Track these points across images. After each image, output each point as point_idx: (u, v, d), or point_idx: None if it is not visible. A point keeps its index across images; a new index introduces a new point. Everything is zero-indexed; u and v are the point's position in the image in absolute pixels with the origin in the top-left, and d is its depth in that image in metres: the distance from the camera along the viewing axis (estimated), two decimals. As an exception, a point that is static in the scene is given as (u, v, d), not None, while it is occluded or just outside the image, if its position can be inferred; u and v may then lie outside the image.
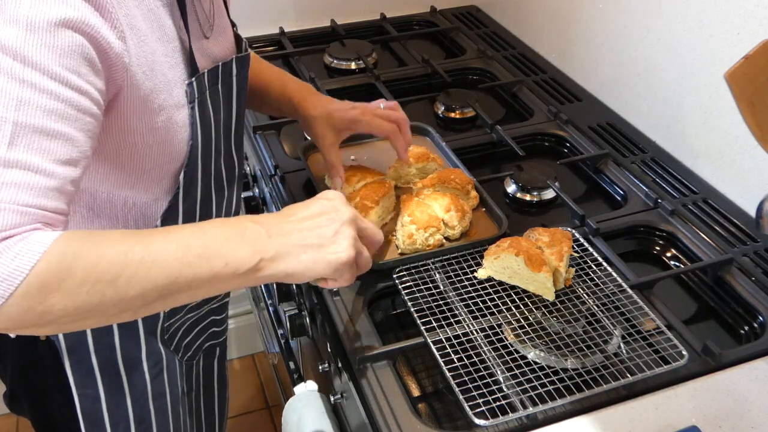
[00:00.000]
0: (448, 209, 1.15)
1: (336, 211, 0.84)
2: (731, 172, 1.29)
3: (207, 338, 1.19)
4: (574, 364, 0.96)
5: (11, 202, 0.67)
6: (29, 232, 0.67)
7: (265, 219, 0.81)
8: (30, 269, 0.65)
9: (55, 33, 0.71)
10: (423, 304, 1.03)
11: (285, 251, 0.79)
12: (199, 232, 0.76)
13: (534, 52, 1.83)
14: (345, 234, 0.82)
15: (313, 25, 1.95)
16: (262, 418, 2.22)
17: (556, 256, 1.06)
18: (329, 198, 0.86)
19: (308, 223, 0.82)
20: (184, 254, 0.73)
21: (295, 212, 0.83)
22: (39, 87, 0.70)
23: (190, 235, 0.74)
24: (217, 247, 0.75)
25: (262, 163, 1.44)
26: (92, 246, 0.69)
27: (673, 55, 1.38)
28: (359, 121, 1.17)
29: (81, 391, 1.03)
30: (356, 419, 1.03)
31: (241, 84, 1.03)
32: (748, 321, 1.09)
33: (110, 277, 0.69)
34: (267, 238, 0.78)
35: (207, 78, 0.93)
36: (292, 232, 0.80)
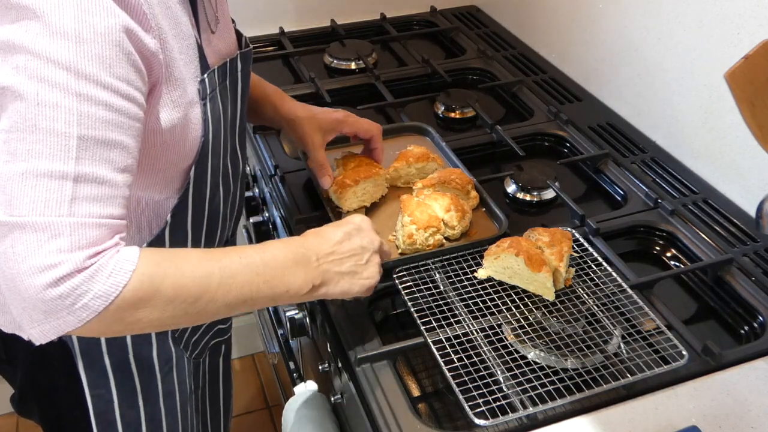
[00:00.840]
0: (448, 209, 1.15)
1: (364, 239, 0.95)
2: (731, 172, 1.29)
3: (213, 336, 1.19)
4: (574, 364, 0.96)
5: (89, 216, 0.72)
6: (115, 248, 0.74)
7: (311, 243, 0.92)
8: (124, 286, 0.73)
9: (102, 42, 0.72)
10: (423, 304, 1.03)
11: (329, 278, 0.91)
12: (266, 258, 0.86)
13: (534, 52, 1.83)
14: (374, 261, 0.96)
15: (313, 25, 1.95)
16: (262, 418, 2.22)
17: (556, 256, 1.06)
18: (361, 224, 0.97)
19: (346, 249, 0.93)
20: (255, 280, 0.84)
21: (334, 236, 0.93)
22: (95, 99, 0.72)
23: (260, 262, 0.85)
24: (281, 275, 0.86)
25: (262, 163, 1.44)
26: (177, 267, 0.78)
27: (673, 55, 1.38)
28: (344, 122, 1.21)
29: (94, 391, 1.03)
30: (356, 419, 1.03)
31: (245, 80, 1.03)
32: (748, 321, 1.09)
33: (194, 297, 0.78)
34: (316, 265, 0.90)
35: (218, 74, 0.93)
36: (333, 261, 0.92)
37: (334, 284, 0.92)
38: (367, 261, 0.95)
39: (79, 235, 0.71)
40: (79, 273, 0.71)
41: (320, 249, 0.91)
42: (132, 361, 1.04)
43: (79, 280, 0.71)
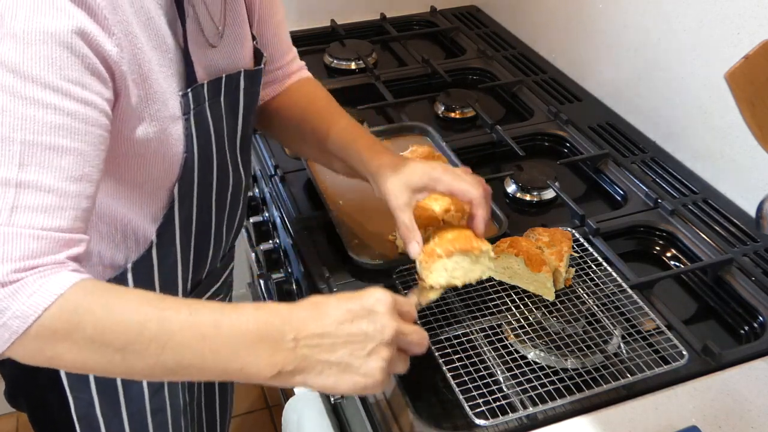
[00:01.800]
0: (448, 209, 1.15)
1: (376, 324, 0.72)
2: (731, 172, 1.29)
3: None
4: (574, 364, 0.96)
5: (28, 227, 0.66)
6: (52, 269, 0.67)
7: (296, 316, 0.72)
8: (44, 310, 0.65)
9: (53, 44, 0.69)
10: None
11: (308, 365, 0.71)
12: (223, 322, 0.70)
13: (534, 52, 1.83)
14: (379, 356, 0.72)
15: (313, 25, 1.95)
16: (262, 418, 2.22)
17: (556, 256, 1.06)
18: (375, 305, 0.73)
19: (344, 332, 0.71)
20: (199, 346, 0.68)
21: (334, 313, 0.73)
22: (43, 103, 0.68)
23: (211, 325, 0.69)
24: (236, 349, 0.69)
25: (262, 163, 1.44)
26: (107, 306, 0.67)
27: (673, 55, 1.38)
28: (439, 180, 0.98)
29: (75, 394, 1.02)
30: (356, 419, 1.03)
31: (249, 98, 1.00)
32: (748, 321, 1.09)
33: (119, 345, 0.67)
34: (292, 347, 0.70)
35: (207, 89, 0.91)
36: (322, 344, 0.71)
37: (315, 374, 0.71)
38: (369, 353, 0.72)
39: (13, 246, 0.65)
40: (1, 287, 0.65)
41: (305, 327, 0.71)
42: None
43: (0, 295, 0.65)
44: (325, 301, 0.74)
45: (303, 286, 1.23)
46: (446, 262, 0.93)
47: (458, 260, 0.93)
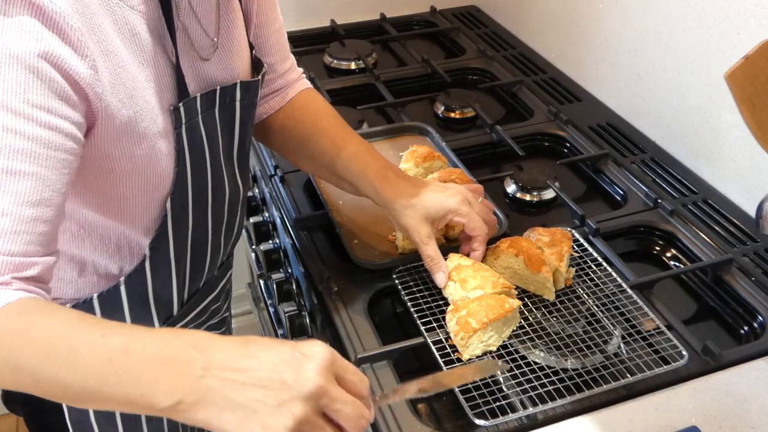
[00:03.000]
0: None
1: (296, 374, 0.65)
2: (731, 172, 1.29)
3: None
4: (574, 364, 0.95)
5: None
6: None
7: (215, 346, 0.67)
8: None
9: (18, 67, 0.68)
10: (423, 304, 1.03)
11: (209, 399, 0.64)
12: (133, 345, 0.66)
13: (534, 52, 1.83)
14: (290, 410, 0.64)
15: (313, 25, 1.95)
16: (262, 418, 2.22)
17: (556, 256, 1.06)
18: (306, 353, 0.66)
19: (258, 375, 0.65)
20: (104, 370, 0.65)
21: (258, 352, 0.67)
22: (3, 126, 0.67)
23: (119, 348, 0.65)
24: (138, 374, 0.65)
25: (262, 163, 1.44)
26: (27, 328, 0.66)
27: (673, 55, 1.38)
28: (457, 212, 1.01)
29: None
30: (356, 419, 1.03)
31: (247, 110, 0.99)
32: (748, 321, 1.09)
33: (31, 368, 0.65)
34: (199, 376, 0.64)
35: (200, 102, 0.89)
36: (234, 380, 0.64)
37: (217, 412, 0.64)
38: (280, 404, 0.64)
39: None
40: None
41: (221, 359, 0.65)
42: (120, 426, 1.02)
43: None
44: (259, 340, 0.68)
45: (303, 286, 1.23)
46: (481, 334, 0.95)
47: (492, 327, 0.96)
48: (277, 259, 1.45)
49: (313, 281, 1.13)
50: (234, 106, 0.96)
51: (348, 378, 0.68)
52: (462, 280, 1.01)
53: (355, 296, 1.08)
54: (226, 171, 1.00)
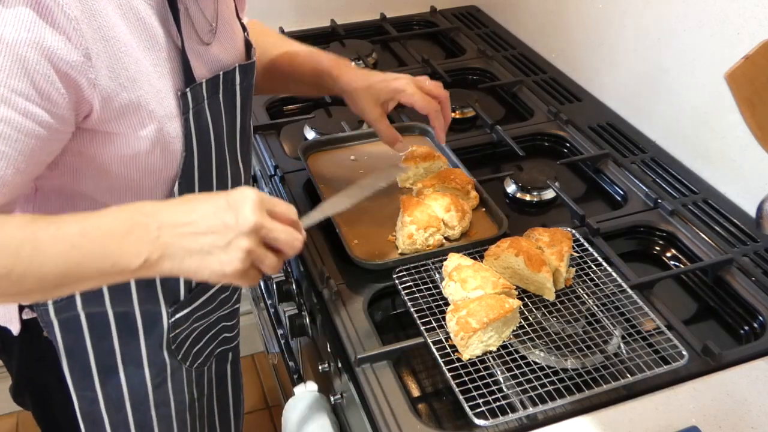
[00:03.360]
0: (448, 209, 1.15)
1: (237, 217, 0.76)
2: (731, 172, 1.29)
3: (218, 344, 1.18)
4: (574, 364, 0.96)
5: None
6: None
7: (162, 209, 0.77)
8: None
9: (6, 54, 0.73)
10: (423, 304, 1.03)
11: (170, 253, 0.75)
12: (87, 227, 0.75)
13: (534, 52, 1.83)
14: (237, 246, 0.76)
15: (313, 25, 1.95)
16: (262, 418, 2.22)
17: (556, 256, 1.06)
18: (237, 200, 0.77)
19: (204, 224, 0.76)
20: (72, 256, 0.74)
21: (198, 206, 0.78)
22: None
23: (77, 233, 0.74)
24: (103, 247, 0.74)
25: (262, 163, 1.44)
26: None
27: (673, 55, 1.38)
28: (403, 91, 1.14)
29: (79, 392, 1.03)
30: (356, 419, 1.03)
31: (245, 92, 1.01)
32: (748, 321, 1.09)
33: (4, 271, 0.72)
34: (155, 237, 0.75)
35: (205, 88, 0.92)
36: (184, 234, 0.76)
37: (179, 260, 0.76)
38: (227, 243, 0.75)
39: None
40: None
41: (170, 218, 0.76)
42: (120, 367, 1.03)
43: None
44: (195, 197, 0.82)
45: (303, 286, 1.23)
46: (481, 334, 0.95)
47: (492, 327, 0.95)
48: (277, 259, 1.45)
49: (313, 281, 1.13)
50: (235, 90, 0.99)
51: (277, 210, 0.80)
52: (462, 280, 1.01)
53: (355, 296, 1.08)
54: (229, 155, 1.02)
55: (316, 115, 1.53)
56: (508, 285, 1.02)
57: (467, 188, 1.23)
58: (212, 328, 1.15)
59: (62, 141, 0.82)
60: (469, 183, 1.23)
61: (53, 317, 0.97)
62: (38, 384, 1.09)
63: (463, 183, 1.22)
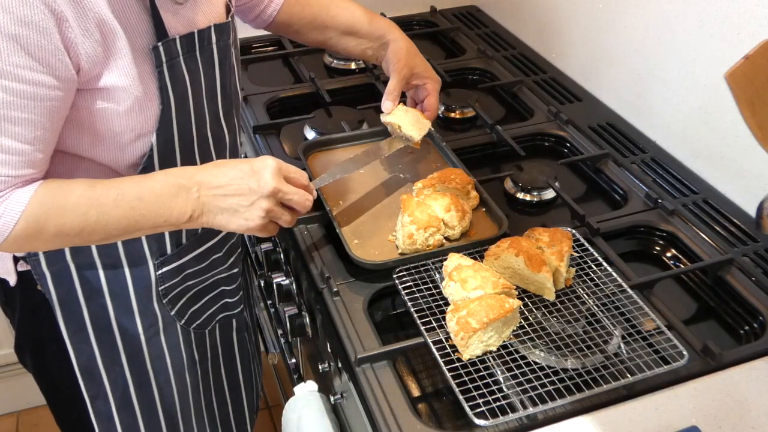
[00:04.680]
0: (448, 209, 1.15)
1: (259, 183, 0.94)
2: (731, 172, 1.29)
3: (219, 309, 1.21)
4: (574, 364, 0.96)
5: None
6: (9, 192, 0.87)
7: (200, 172, 0.95)
8: (14, 226, 0.87)
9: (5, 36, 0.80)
10: (423, 304, 1.03)
11: (208, 210, 0.95)
12: (143, 192, 0.92)
13: (534, 52, 1.83)
14: (258, 206, 0.95)
15: (313, 25, 1.95)
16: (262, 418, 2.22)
17: (556, 256, 1.06)
18: (259, 168, 0.95)
19: (233, 187, 0.94)
20: (131, 214, 0.91)
21: (228, 171, 0.95)
22: None
23: (135, 197, 0.91)
24: (157, 208, 0.92)
25: (262, 163, 1.44)
26: (59, 207, 0.89)
27: (673, 55, 1.38)
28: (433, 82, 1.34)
29: (75, 345, 1.07)
30: (356, 419, 1.03)
31: (224, 52, 1.04)
32: (748, 321, 1.09)
33: (75, 232, 0.90)
34: (196, 197, 0.93)
35: (180, 44, 0.95)
36: (217, 195, 0.94)
37: (212, 216, 0.95)
38: (251, 204, 0.95)
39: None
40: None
41: (207, 181, 0.94)
42: (112, 319, 1.08)
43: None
44: (225, 162, 0.98)
45: (303, 286, 1.23)
46: (481, 334, 0.95)
47: (492, 327, 0.96)
48: (277, 259, 1.45)
49: (313, 281, 1.13)
50: (212, 48, 1.02)
51: (292, 176, 0.99)
52: (462, 280, 1.01)
53: (355, 296, 1.08)
54: (209, 113, 1.05)
55: (316, 115, 1.53)
56: (508, 285, 1.02)
57: (467, 188, 1.23)
58: (211, 290, 1.18)
59: (72, 96, 0.90)
60: (469, 183, 1.23)
61: (45, 269, 1.02)
62: (35, 338, 1.13)
63: (463, 183, 1.22)
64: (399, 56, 1.30)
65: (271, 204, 0.96)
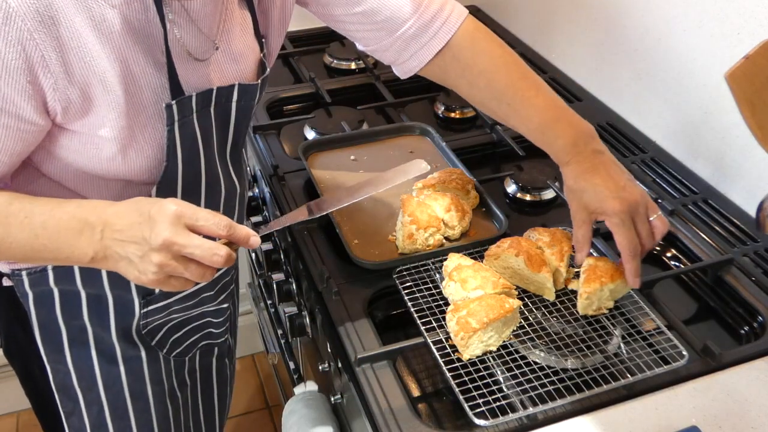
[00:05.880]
0: (448, 209, 1.15)
1: (150, 232, 0.79)
2: (731, 172, 1.29)
3: (202, 337, 1.19)
4: (574, 364, 0.96)
5: None
6: None
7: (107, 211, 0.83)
8: None
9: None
10: (423, 304, 1.03)
11: (110, 254, 0.83)
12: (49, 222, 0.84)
13: (534, 52, 1.83)
14: (149, 261, 0.80)
15: (313, 25, 1.95)
16: (262, 418, 2.22)
17: (556, 256, 1.06)
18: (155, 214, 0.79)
19: (129, 234, 0.81)
20: (34, 243, 0.85)
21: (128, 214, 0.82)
22: None
23: (39, 225, 0.84)
24: (58, 243, 0.84)
25: (262, 163, 1.44)
26: None
27: (673, 55, 1.38)
28: (610, 217, 0.99)
29: (52, 364, 1.07)
30: (356, 419, 1.03)
31: (243, 112, 1.01)
32: (748, 321, 1.09)
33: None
34: (99, 238, 0.83)
35: (195, 101, 0.92)
36: (116, 240, 0.82)
37: (114, 262, 0.84)
38: (143, 255, 0.80)
39: None
40: None
41: (112, 222, 0.82)
42: (92, 345, 1.06)
43: None
44: (133, 202, 0.83)
45: (303, 286, 1.23)
46: (481, 334, 0.95)
47: (492, 327, 0.95)
48: (277, 259, 1.45)
49: (313, 281, 1.13)
50: (230, 106, 0.98)
51: (200, 225, 0.81)
52: (462, 280, 1.01)
53: (355, 296, 1.08)
54: (220, 167, 1.02)
55: (316, 115, 1.53)
56: (508, 285, 1.02)
57: (467, 188, 1.23)
58: (194, 321, 1.16)
59: (38, 136, 0.87)
60: (469, 183, 1.23)
61: (28, 289, 1.01)
62: (19, 349, 1.13)
63: (463, 183, 1.22)
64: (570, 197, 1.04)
65: (163, 258, 0.79)
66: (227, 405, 1.36)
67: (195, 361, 1.20)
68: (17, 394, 1.29)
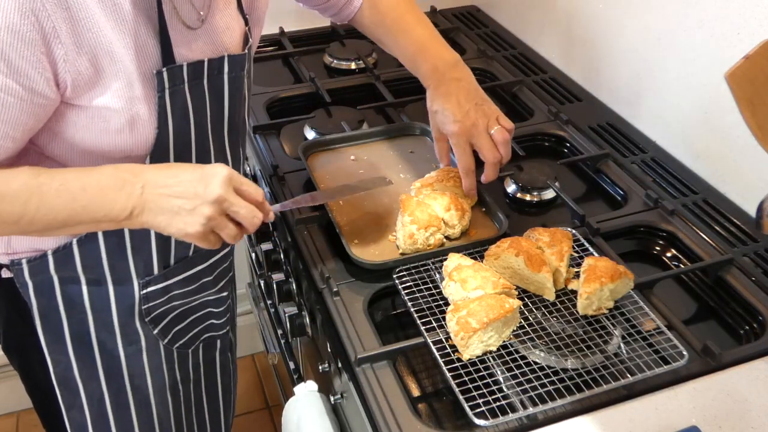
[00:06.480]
0: (449, 208, 1.15)
1: (205, 188, 0.88)
2: (731, 172, 1.29)
3: (204, 329, 1.20)
4: (574, 364, 0.96)
5: None
6: None
7: (148, 170, 0.90)
8: None
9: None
10: (423, 304, 1.03)
11: (149, 208, 0.88)
12: (87, 183, 0.88)
13: (534, 52, 1.83)
14: (200, 213, 0.88)
15: (313, 25, 1.95)
16: (262, 418, 2.22)
17: (556, 256, 1.06)
18: (209, 174, 0.89)
19: (179, 189, 0.88)
20: (72, 206, 0.88)
21: (178, 173, 0.89)
22: None
23: (78, 188, 0.88)
24: (99, 201, 0.88)
25: (262, 163, 1.44)
26: None
27: (673, 55, 1.38)
28: (450, 139, 1.19)
29: (53, 356, 1.07)
30: (356, 419, 1.03)
31: (235, 84, 1.02)
32: (748, 321, 1.09)
33: (13, 220, 0.87)
34: (139, 193, 0.88)
35: (186, 71, 0.94)
36: (161, 194, 0.88)
37: (153, 215, 0.89)
38: (193, 208, 0.88)
39: None
40: None
41: (153, 180, 0.88)
42: (92, 334, 1.07)
43: None
44: (177, 165, 0.92)
45: (303, 286, 1.23)
46: (481, 334, 0.95)
47: (492, 327, 0.95)
48: (277, 259, 1.45)
49: (313, 281, 1.13)
50: (222, 78, 1.00)
51: (244, 189, 0.91)
52: (462, 280, 1.01)
53: (355, 296, 1.08)
54: (213, 143, 1.04)
55: (316, 115, 1.53)
56: (508, 285, 1.02)
57: (467, 188, 1.23)
58: (196, 311, 1.17)
59: (49, 110, 0.88)
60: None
61: (28, 278, 1.01)
62: (19, 343, 1.13)
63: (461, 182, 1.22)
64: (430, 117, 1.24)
65: (213, 212, 0.88)
66: (232, 403, 1.36)
67: (198, 355, 1.21)
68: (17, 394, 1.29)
